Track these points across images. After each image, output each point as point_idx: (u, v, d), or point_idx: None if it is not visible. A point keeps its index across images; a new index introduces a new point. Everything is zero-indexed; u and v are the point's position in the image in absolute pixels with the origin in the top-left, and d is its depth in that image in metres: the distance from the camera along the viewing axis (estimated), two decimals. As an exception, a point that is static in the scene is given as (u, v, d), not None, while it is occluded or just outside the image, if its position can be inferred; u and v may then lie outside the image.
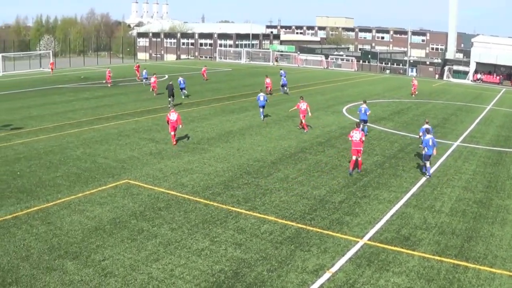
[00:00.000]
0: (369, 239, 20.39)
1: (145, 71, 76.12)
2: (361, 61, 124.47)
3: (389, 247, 19.79)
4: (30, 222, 21.19)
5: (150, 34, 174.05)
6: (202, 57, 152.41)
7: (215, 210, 23.12)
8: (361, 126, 34.56)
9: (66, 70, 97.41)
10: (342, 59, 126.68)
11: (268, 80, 64.51)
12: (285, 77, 67.22)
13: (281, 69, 67.40)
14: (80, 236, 19.89)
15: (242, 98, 59.84)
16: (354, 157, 29.65)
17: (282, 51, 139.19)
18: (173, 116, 35.74)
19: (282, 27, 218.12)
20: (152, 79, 62.68)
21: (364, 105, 40.20)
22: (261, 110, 46.18)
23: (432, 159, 32.86)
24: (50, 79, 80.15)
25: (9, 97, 59.13)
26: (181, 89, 60.10)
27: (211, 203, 24.02)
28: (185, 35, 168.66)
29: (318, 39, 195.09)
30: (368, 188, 27.02)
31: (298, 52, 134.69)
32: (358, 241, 20.15)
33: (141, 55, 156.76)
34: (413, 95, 70.16)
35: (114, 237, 19.84)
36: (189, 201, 24.25)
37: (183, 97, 59.02)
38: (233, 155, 32.99)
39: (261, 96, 45.75)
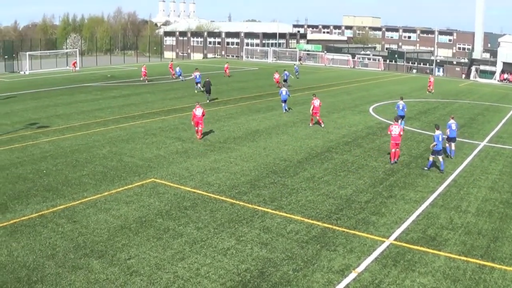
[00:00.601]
0: (395, 239, 20.24)
1: (178, 68, 77.24)
2: (387, 60, 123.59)
3: (415, 247, 19.63)
4: (56, 220, 21.35)
5: (177, 33, 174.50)
6: (228, 56, 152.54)
7: (241, 209, 23.11)
8: (400, 121, 34.46)
9: (92, 69, 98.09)
10: (369, 59, 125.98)
11: (276, 76, 68.90)
12: (288, 77, 67.71)
13: (285, 70, 67.48)
14: (105, 234, 19.99)
15: (269, 97, 59.77)
16: (393, 150, 31.73)
17: (308, 51, 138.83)
18: (198, 111, 37.04)
19: (309, 26, 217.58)
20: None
21: (402, 102, 42.22)
22: (284, 104, 49.71)
23: (459, 159, 32.64)
24: (77, 78, 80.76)
25: (36, 96, 59.67)
26: (196, 83, 63.26)
27: (237, 202, 24.03)
28: (211, 34, 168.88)
29: (344, 38, 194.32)
30: (394, 188, 26.84)
31: (325, 52, 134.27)
32: (384, 241, 20.02)
33: (168, 54, 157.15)
34: (430, 92, 71.22)
35: (140, 236, 19.91)
36: (215, 200, 24.27)
37: (196, 91, 60.15)
38: (259, 154, 32.98)
39: (284, 90, 49.41)
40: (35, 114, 46.86)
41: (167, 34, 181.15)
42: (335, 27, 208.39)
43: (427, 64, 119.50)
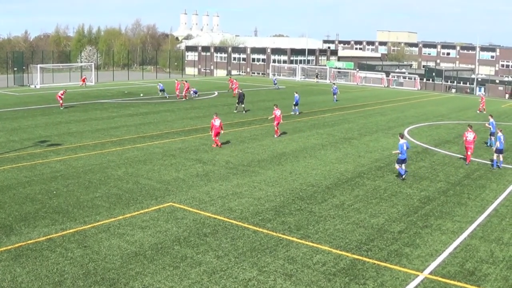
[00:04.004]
0: (430, 273, 20.05)
1: (194, 89, 79.15)
2: (424, 79, 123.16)
3: (452, 282, 19.43)
4: (65, 245, 21.46)
5: (199, 48, 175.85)
6: (254, 73, 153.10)
7: (265, 237, 23.07)
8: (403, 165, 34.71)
9: (109, 84, 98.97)
10: (404, 77, 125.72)
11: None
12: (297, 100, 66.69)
13: (296, 92, 67.33)
14: (118, 261, 20.05)
15: (296, 118, 59.84)
16: (468, 153, 38.58)
17: (340, 68, 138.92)
18: (217, 122, 40.90)
19: (340, 42, 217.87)
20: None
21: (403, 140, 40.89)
22: (295, 107, 61.33)
23: (501, 187, 32.39)
24: (92, 94, 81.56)
25: (47, 112, 60.32)
26: (194, 92, 76.69)
27: (261, 230, 23.99)
28: (236, 49, 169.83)
29: (378, 55, 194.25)
30: (430, 217, 26.64)
31: (357, 69, 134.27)
32: (418, 275, 19.84)
33: (190, 70, 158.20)
34: (481, 111, 71.58)
35: (155, 264, 19.93)
36: (237, 227, 24.26)
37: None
38: (285, 179, 32.95)
39: (296, 96, 62.00)
40: (46, 131, 47.34)
41: (189, 48, 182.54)
42: (368, 42, 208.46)
43: (467, 83, 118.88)
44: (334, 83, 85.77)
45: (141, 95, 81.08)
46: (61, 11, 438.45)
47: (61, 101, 63.29)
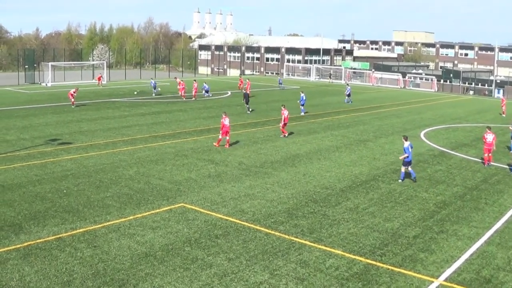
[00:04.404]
0: (445, 280, 19.96)
1: (205, 84, 78.83)
2: (441, 80, 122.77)
3: (469, 289, 19.35)
4: (74, 244, 21.53)
5: (213, 47, 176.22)
6: (268, 73, 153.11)
7: (277, 240, 23.04)
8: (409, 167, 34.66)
9: (121, 83, 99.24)
10: (421, 78, 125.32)
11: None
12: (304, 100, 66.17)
13: (302, 91, 67.10)
14: (128, 262, 20.08)
15: (310, 119, 59.78)
16: (486, 155, 38.86)
17: (355, 68, 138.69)
18: (227, 121, 41.33)
19: (355, 41, 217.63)
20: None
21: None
22: (302, 107, 63.15)
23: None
24: (104, 92, 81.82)
25: (58, 110, 60.56)
26: (206, 91, 79.12)
27: (273, 232, 23.97)
28: (250, 48, 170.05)
29: (395, 55, 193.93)
30: (446, 223, 26.52)
31: (373, 70, 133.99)
32: (433, 281, 19.75)
33: (203, 69, 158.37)
34: (503, 114, 71.87)
35: (165, 265, 19.95)
36: (249, 229, 24.26)
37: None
38: (298, 181, 32.92)
39: (302, 96, 63.70)
40: (57, 129, 47.54)
41: (202, 47, 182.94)
42: (385, 43, 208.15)
43: (486, 84, 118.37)
44: (348, 84, 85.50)
45: (135, 92, 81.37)
46: (73, 9, 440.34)
47: (72, 100, 63.47)
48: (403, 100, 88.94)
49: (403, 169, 34.01)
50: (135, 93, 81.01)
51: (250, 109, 64.05)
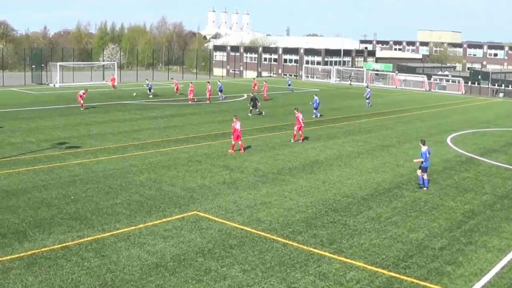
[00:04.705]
0: (475, 294, 19.75)
1: (219, 83, 79.39)
2: (469, 82, 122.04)
3: (499, 305, 19.12)
4: (81, 253, 21.48)
5: (228, 48, 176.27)
6: (286, 75, 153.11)
7: (295, 251, 22.89)
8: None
9: (132, 85, 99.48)
10: (447, 80, 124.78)
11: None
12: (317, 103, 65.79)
13: (315, 94, 66.81)
14: (138, 273, 20.00)
15: (330, 123, 59.64)
16: None
17: (377, 70, 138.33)
18: (238, 125, 41.49)
19: (378, 42, 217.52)
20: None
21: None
22: (315, 111, 63.53)
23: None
24: (114, 94, 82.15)
25: (66, 112, 60.81)
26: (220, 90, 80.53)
27: (290, 242, 23.82)
28: (267, 49, 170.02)
29: (419, 56, 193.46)
30: (474, 233, 26.26)
31: (396, 72, 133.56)
32: (461, 296, 19.55)
33: (218, 71, 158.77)
34: None
35: (176, 277, 19.86)
36: (265, 239, 24.12)
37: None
38: (318, 189, 32.77)
39: (316, 99, 63.88)
40: (65, 132, 47.69)
41: (217, 48, 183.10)
42: (409, 43, 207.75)
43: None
44: (367, 86, 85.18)
45: (134, 94, 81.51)
46: (83, 6, 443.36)
47: (81, 101, 63.63)
48: (428, 104, 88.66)
49: (419, 172, 34.01)
50: (134, 94, 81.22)
51: (262, 112, 64.60)
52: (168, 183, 32.48)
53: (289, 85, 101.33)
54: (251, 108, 63.62)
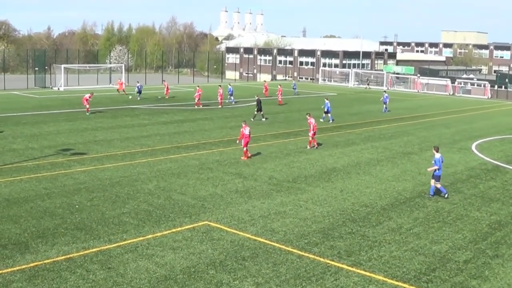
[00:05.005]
0: (502, 310, 19.66)
1: (230, 87, 79.44)
2: (496, 86, 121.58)
3: (527, 321, 19.03)
4: (86, 266, 21.51)
5: (241, 50, 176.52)
6: (301, 78, 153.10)
7: (311, 263, 22.86)
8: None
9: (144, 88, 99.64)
10: (472, 84, 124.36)
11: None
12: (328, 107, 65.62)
13: (326, 98, 66.77)
14: (146, 286, 20.03)
15: (348, 129, 59.59)
16: None
17: (398, 73, 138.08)
18: (247, 130, 41.50)
19: (399, 44, 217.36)
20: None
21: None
22: (328, 115, 63.84)
23: None
24: (122, 98, 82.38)
25: (71, 117, 61.03)
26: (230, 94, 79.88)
27: (306, 254, 23.79)
28: (282, 51, 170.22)
29: (443, 58, 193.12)
30: (501, 246, 26.14)
31: (418, 75, 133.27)
32: (487, 312, 19.46)
33: (230, 74, 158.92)
34: None
35: (187, 290, 19.85)
36: (279, 250, 24.09)
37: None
38: (335, 198, 32.73)
39: (327, 102, 64.31)
40: (69, 138, 47.88)
41: (230, 50, 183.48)
42: (431, 44, 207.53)
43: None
44: (385, 91, 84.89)
45: (130, 97, 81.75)
46: (88, 6, 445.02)
47: (87, 106, 63.82)
48: (452, 108, 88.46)
49: (432, 182, 33.78)
50: (130, 97, 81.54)
51: (265, 117, 64.43)
52: (178, 192, 32.52)
53: (295, 88, 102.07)
54: (261, 113, 63.58)
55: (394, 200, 32.95)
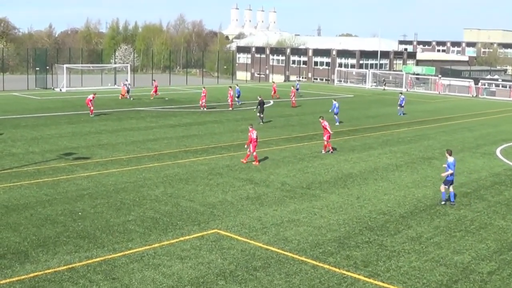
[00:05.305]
0: (528, 324, 19.59)
1: (237, 88, 79.74)
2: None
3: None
4: (90, 276, 21.55)
5: (253, 49, 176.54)
6: (316, 79, 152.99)
7: (326, 274, 22.84)
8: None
9: (147, 90, 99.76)
10: (497, 85, 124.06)
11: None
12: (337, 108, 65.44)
13: (334, 99, 66.64)
14: (153, 298, 20.02)
15: (366, 133, 59.51)
16: None
17: (418, 74, 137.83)
18: (254, 134, 41.64)
19: (419, 43, 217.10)
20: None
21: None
22: (335, 117, 63.74)
23: None
24: (127, 100, 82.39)
25: (74, 119, 61.20)
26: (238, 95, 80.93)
27: (321, 265, 23.77)
28: (296, 51, 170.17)
29: (465, 58, 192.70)
30: (527, 256, 26.08)
31: (439, 76, 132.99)
32: (512, 326, 19.40)
33: (241, 75, 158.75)
34: None
35: (196, 302, 19.87)
36: (293, 260, 24.08)
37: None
38: (351, 205, 32.69)
39: (335, 104, 64.18)
40: (72, 141, 48.00)
41: (241, 49, 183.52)
42: (453, 43, 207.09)
43: None
44: (401, 93, 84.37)
45: (166, 99, 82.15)
46: (92, 3, 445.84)
47: (91, 107, 63.93)
48: (475, 111, 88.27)
49: (442, 188, 33.61)
50: (132, 99, 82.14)
51: (263, 121, 63.76)
52: (186, 198, 32.55)
53: (298, 89, 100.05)
54: (261, 115, 63.43)
55: (414, 207, 32.88)
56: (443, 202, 33.52)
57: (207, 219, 28.92)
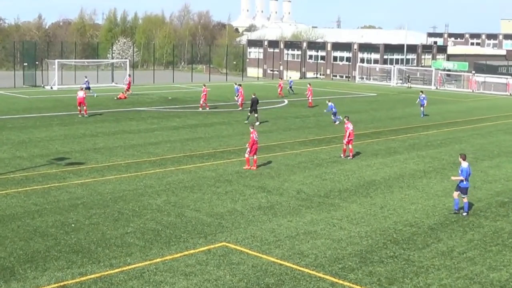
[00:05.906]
0: None
1: (236, 86, 79.64)
2: None
3: None
4: (85, 295, 21.56)
5: (265, 43, 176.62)
6: (335, 76, 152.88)
7: (346, 292, 22.82)
8: None
9: (148, 88, 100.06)
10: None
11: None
12: (334, 108, 65.83)
13: (329, 101, 66.60)
14: (155, 319, 20.06)
15: (390, 136, 59.45)
16: None
17: (449, 70, 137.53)
18: (255, 135, 41.98)
19: (450, 35, 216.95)
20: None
21: None
22: (333, 117, 65.41)
23: None
24: (126, 99, 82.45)
25: (67, 120, 61.38)
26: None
27: (341, 282, 23.74)
28: (313, 45, 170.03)
29: (503, 52, 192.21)
30: None
31: (473, 72, 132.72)
32: None
33: (252, 71, 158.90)
34: None
35: (202, 324, 19.88)
36: (309, 277, 24.06)
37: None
38: (374, 216, 32.67)
39: (331, 105, 66.15)
40: (64, 145, 48.13)
41: (252, 43, 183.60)
42: (489, 36, 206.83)
43: None
44: (421, 91, 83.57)
45: (169, 98, 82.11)
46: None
47: (85, 107, 63.96)
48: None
49: (456, 195, 33.62)
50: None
51: (259, 122, 63.58)
52: (191, 208, 32.58)
53: (291, 87, 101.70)
54: (256, 115, 63.81)
55: (444, 218, 32.81)
56: (465, 213, 33.46)
57: (214, 231, 28.93)
